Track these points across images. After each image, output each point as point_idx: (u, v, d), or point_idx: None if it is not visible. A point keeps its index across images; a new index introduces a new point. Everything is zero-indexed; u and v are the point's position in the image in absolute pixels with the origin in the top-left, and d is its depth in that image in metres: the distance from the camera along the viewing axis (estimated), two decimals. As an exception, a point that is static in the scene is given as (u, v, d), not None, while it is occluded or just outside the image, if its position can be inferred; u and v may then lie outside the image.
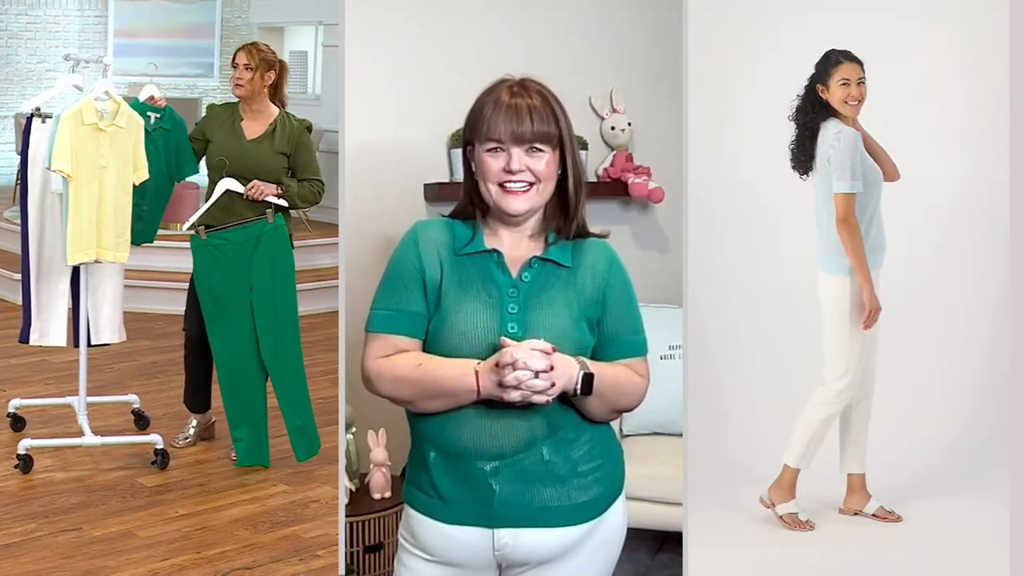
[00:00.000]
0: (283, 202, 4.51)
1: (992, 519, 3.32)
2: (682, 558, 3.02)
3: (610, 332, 2.11)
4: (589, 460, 2.09)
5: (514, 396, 1.94)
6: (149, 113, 4.50)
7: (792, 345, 3.78)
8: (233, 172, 4.49)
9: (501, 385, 1.94)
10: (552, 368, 1.94)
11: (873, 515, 3.65)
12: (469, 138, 2.09)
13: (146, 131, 4.47)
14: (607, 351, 2.11)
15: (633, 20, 3.98)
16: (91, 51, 10.40)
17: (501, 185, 2.03)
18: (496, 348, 1.99)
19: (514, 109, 2.03)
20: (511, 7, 3.87)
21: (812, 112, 3.62)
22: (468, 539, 2.07)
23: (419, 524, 2.11)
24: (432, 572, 2.12)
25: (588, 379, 1.99)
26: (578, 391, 1.99)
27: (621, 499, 2.18)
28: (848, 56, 3.59)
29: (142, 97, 4.53)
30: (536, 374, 1.93)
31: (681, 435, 3.12)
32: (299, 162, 4.58)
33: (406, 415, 2.14)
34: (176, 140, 4.57)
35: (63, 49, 10.60)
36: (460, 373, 1.99)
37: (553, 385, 1.95)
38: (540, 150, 2.03)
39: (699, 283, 3.26)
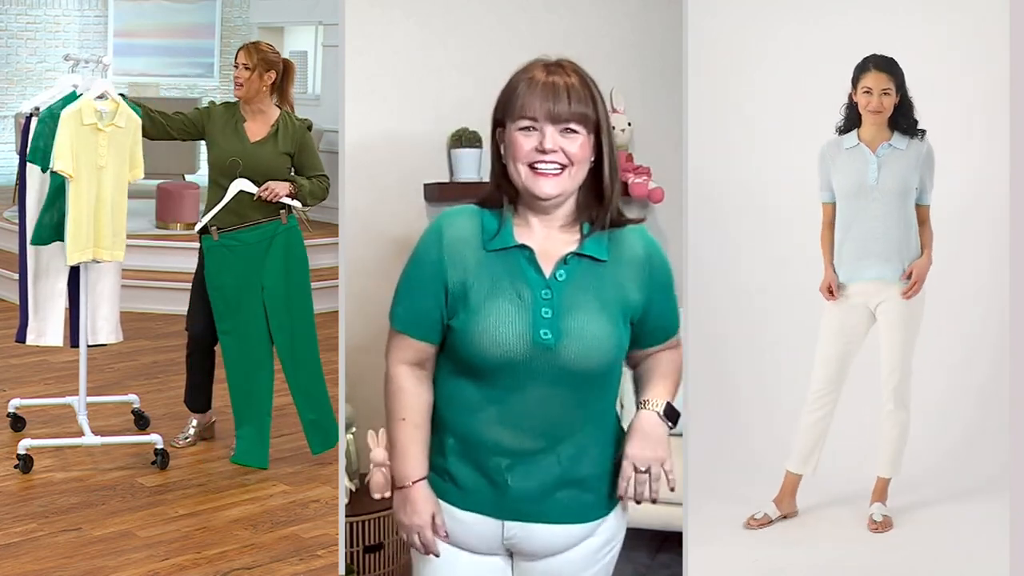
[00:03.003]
0: (296, 203, 4.50)
1: (992, 522, 3.31)
2: (682, 558, 3.02)
3: (653, 324, 2.09)
4: (601, 463, 2.08)
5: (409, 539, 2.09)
6: None
7: (793, 345, 3.78)
8: (235, 172, 4.48)
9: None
10: (666, 462, 2.05)
11: (870, 517, 3.65)
12: (500, 117, 2.00)
13: None
14: (648, 339, 2.11)
15: (633, 20, 3.98)
16: (91, 51, 10.39)
17: (531, 166, 1.95)
18: (528, 352, 1.96)
19: (551, 87, 1.94)
20: (511, 7, 3.87)
21: (845, 120, 3.63)
22: (479, 526, 2.07)
23: None
24: (445, 553, 2.11)
25: (672, 411, 2.08)
26: (671, 427, 2.08)
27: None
28: (880, 64, 3.55)
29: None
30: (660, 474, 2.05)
31: (681, 435, 3.12)
32: (304, 161, 4.57)
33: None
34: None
35: (63, 49, 10.58)
36: (400, 463, 2.07)
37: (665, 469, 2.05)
38: (575, 131, 1.94)
39: (699, 283, 3.25)
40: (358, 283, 3.04)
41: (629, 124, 3.97)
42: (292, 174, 4.55)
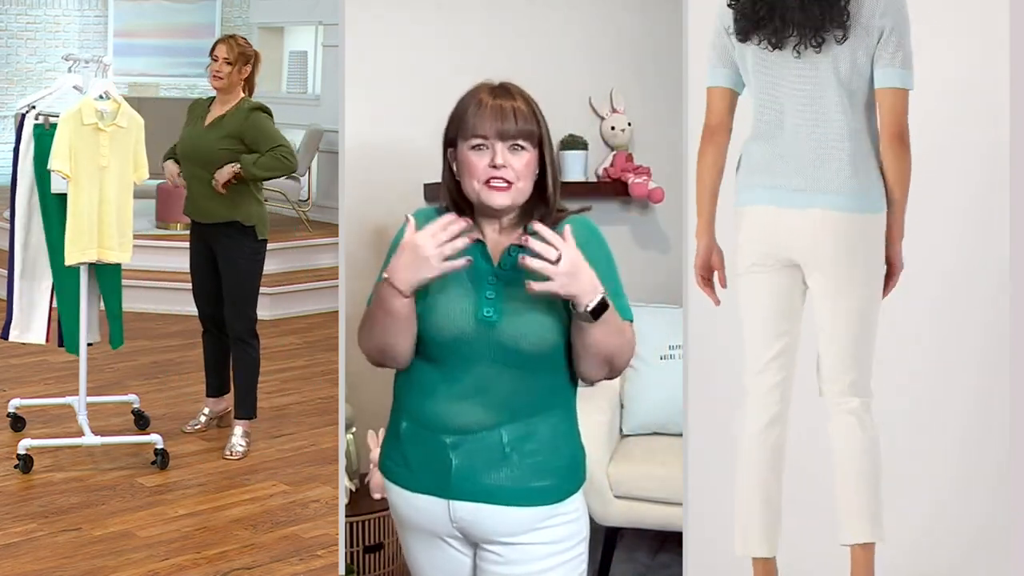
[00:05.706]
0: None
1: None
2: (682, 558, 3.02)
3: None
4: (547, 451, 2.15)
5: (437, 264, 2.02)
6: None
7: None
8: (186, 156, 4.63)
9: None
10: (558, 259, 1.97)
11: None
12: (452, 136, 2.18)
13: None
14: None
15: (633, 20, 3.98)
16: (91, 51, 10.40)
17: (485, 183, 2.11)
18: (473, 329, 2.09)
19: (499, 108, 2.12)
20: (511, 7, 3.87)
21: None
22: (428, 508, 2.18)
23: (390, 491, 2.25)
24: (411, 539, 2.26)
25: (604, 303, 2.01)
26: (589, 307, 2.00)
27: (579, 498, 2.23)
28: None
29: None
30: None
31: (681, 435, 3.12)
32: (255, 139, 4.58)
33: (393, 390, 2.23)
34: None
35: (63, 49, 10.60)
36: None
37: (558, 261, 1.96)
38: (522, 147, 2.12)
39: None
40: (358, 283, 3.03)
41: (629, 124, 3.97)
42: (243, 155, 4.55)
